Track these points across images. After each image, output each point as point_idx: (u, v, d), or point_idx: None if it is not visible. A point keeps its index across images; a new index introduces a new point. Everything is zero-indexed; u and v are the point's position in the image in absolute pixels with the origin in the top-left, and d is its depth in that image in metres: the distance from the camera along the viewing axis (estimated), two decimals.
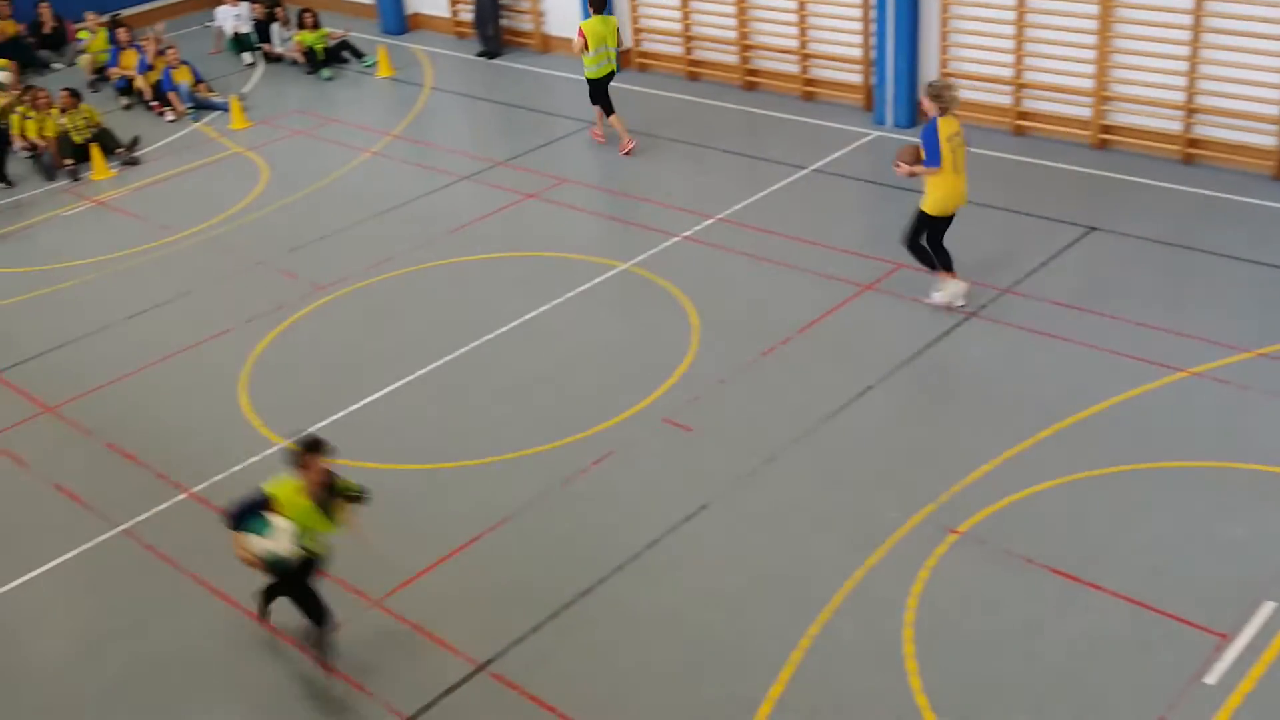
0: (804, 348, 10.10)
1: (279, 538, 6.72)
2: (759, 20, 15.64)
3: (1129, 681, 6.70)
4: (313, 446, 6.84)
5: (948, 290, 10.34)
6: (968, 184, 10.21)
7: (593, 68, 13.94)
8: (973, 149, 13.48)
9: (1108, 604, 7.23)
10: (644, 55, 16.84)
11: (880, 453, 8.78)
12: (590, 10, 13.94)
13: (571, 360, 10.25)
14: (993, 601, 7.33)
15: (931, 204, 10.16)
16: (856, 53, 14.78)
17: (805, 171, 13.38)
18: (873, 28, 14.37)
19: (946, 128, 9.90)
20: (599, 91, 14.11)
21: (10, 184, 14.63)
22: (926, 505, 8.12)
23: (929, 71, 14.18)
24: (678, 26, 16.39)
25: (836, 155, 13.74)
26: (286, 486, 6.81)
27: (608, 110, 14.17)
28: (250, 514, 6.80)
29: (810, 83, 15.35)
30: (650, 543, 8.03)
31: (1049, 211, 12.01)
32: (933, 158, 9.88)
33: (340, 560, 8.07)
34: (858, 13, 14.59)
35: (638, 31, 16.81)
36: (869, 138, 14.17)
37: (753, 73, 15.86)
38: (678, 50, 16.51)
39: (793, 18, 15.23)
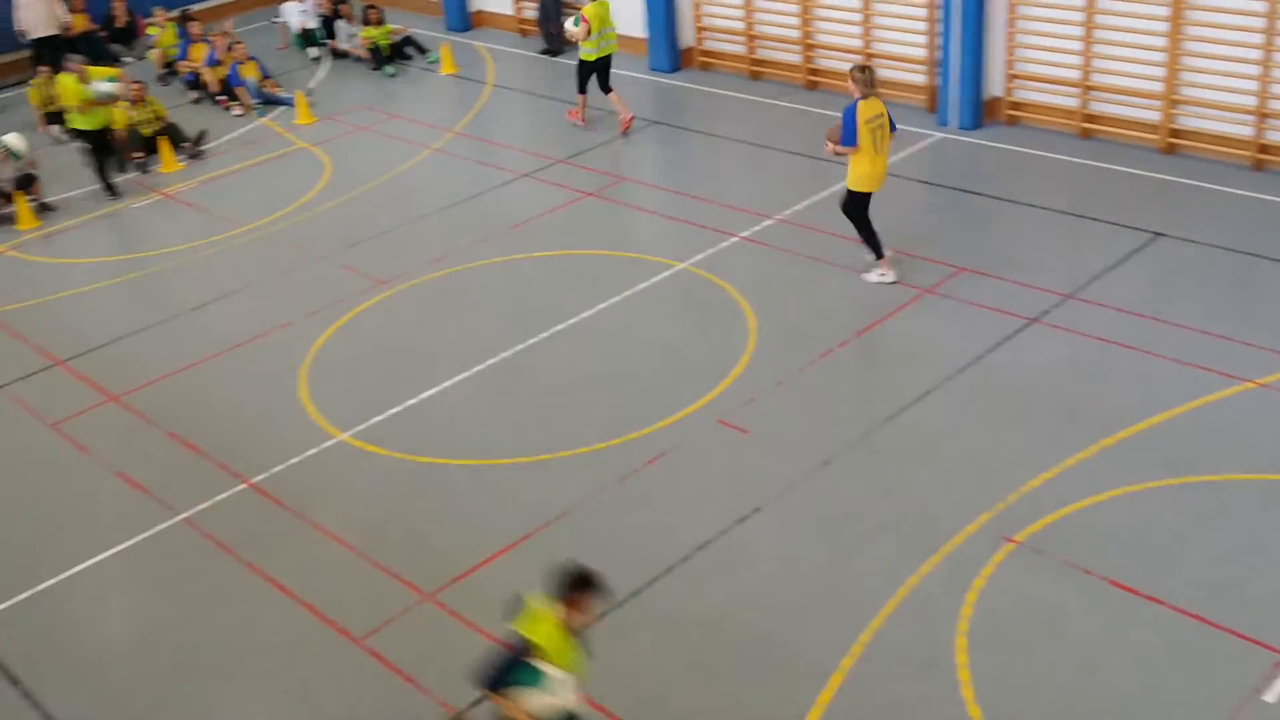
0: (862, 351, 10.02)
1: (561, 690, 5.55)
2: (822, 20, 15.54)
3: (1185, 697, 6.58)
4: (586, 583, 5.61)
5: (881, 272, 10.98)
6: (887, 164, 10.80)
7: (591, 50, 14.47)
8: (1042, 152, 13.40)
9: (1167, 618, 7.09)
10: (706, 54, 16.80)
11: (937, 459, 8.68)
12: None
13: (627, 359, 10.25)
14: (1049, 612, 7.22)
15: (855, 181, 10.71)
16: (921, 53, 14.64)
17: None
18: (938, 28, 14.23)
19: (867, 110, 10.44)
20: (589, 74, 14.70)
21: (116, 194, 14.37)
22: (983, 513, 8.02)
23: (995, 73, 14.01)
24: (740, 25, 16.33)
25: (899, 157, 13.59)
26: (546, 627, 5.57)
27: (605, 89, 14.74)
28: (513, 668, 5.54)
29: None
30: (702, 544, 8.01)
31: (1114, 216, 11.81)
32: (849, 138, 10.43)
33: (393, 553, 8.16)
34: (923, 13, 14.45)
35: (700, 30, 16.77)
36: (931, 139, 14.03)
37: (815, 72, 15.77)
38: (740, 49, 16.45)
39: (857, 17, 15.11)
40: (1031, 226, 11.88)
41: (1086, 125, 13.58)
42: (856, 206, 10.79)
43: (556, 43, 17.96)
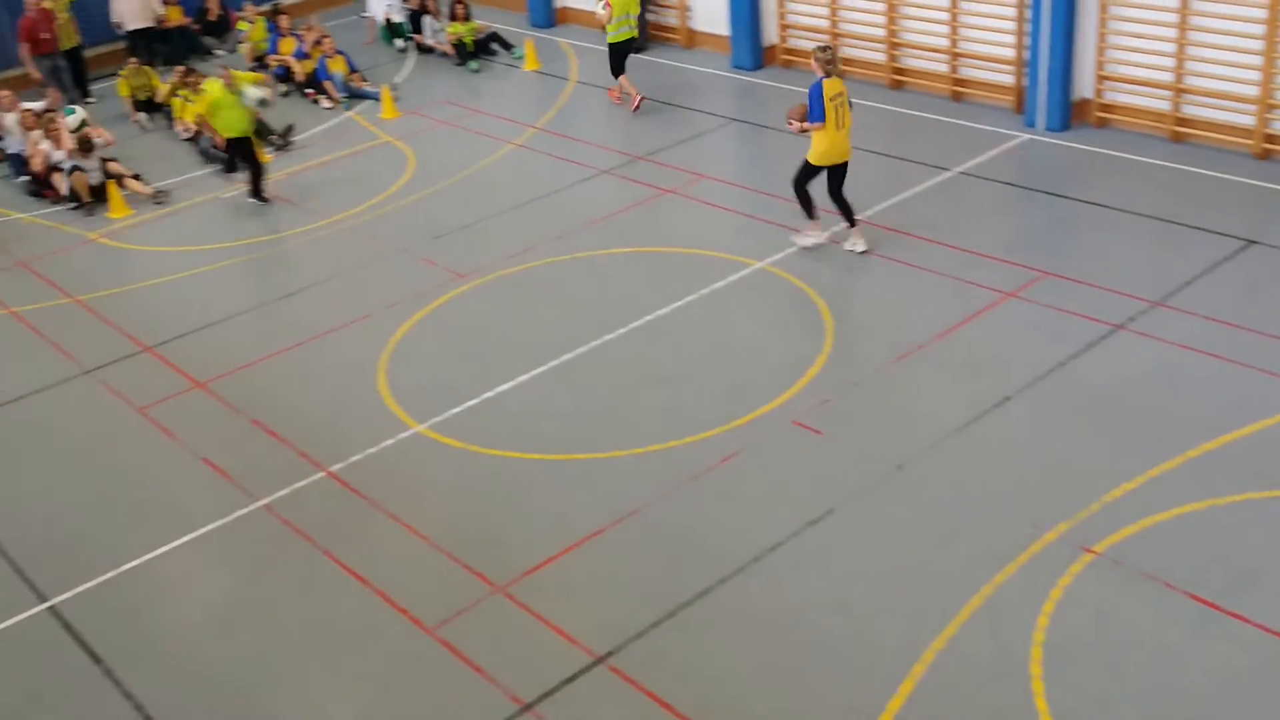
0: (941, 354, 9.90)
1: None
2: (909, 18, 15.37)
3: (1265, 716, 6.40)
4: None
5: (809, 236, 11.74)
6: (850, 139, 11.43)
7: (613, 33, 15.41)
8: (1132, 156, 13.12)
9: (1248, 634, 6.92)
10: (790, 52, 16.70)
11: (1016, 466, 8.55)
12: None
13: (703, 357, 10.24)
14: (1128, 625, 7.08)
15: (814, 155, 11.39)
16: (1009, 53, 14.42)
17: (950, 174, 13.11)
18: (1027, 28, 14.00)
19: (830, 88, 11.15)
20: (621, 56, 15.59)
21: (265, 199, 14.10)
22: (1062, 522, 7.89)
23: (1084, 74, 13.75)
24: (825, 24, 16.21)
25: (984, 158, 13.43)
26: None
27: (619, 72, 15.57)
28: None
29: (960, 83, 15.03)
30: (773, 545, 7.97)
31: (1206, 223, 11.53)
32: (816, 114, 11.14)
33: (466, 545, 8.24)
34: (1012, 12, 14.22)
35: (784, 28, 16.68)
36: (1019, 140, 13.81)
37: (900, 71, 15.60)
38: None
39: (944, 16, 14.93)
40: (1119, 231, 11.65)
41: (1178, 129, 13.27)
42: (805, 175, 11.53)
43: (639, 39, 17.95)
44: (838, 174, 11.46)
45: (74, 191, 14.25)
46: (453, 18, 18.40)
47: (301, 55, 17.61)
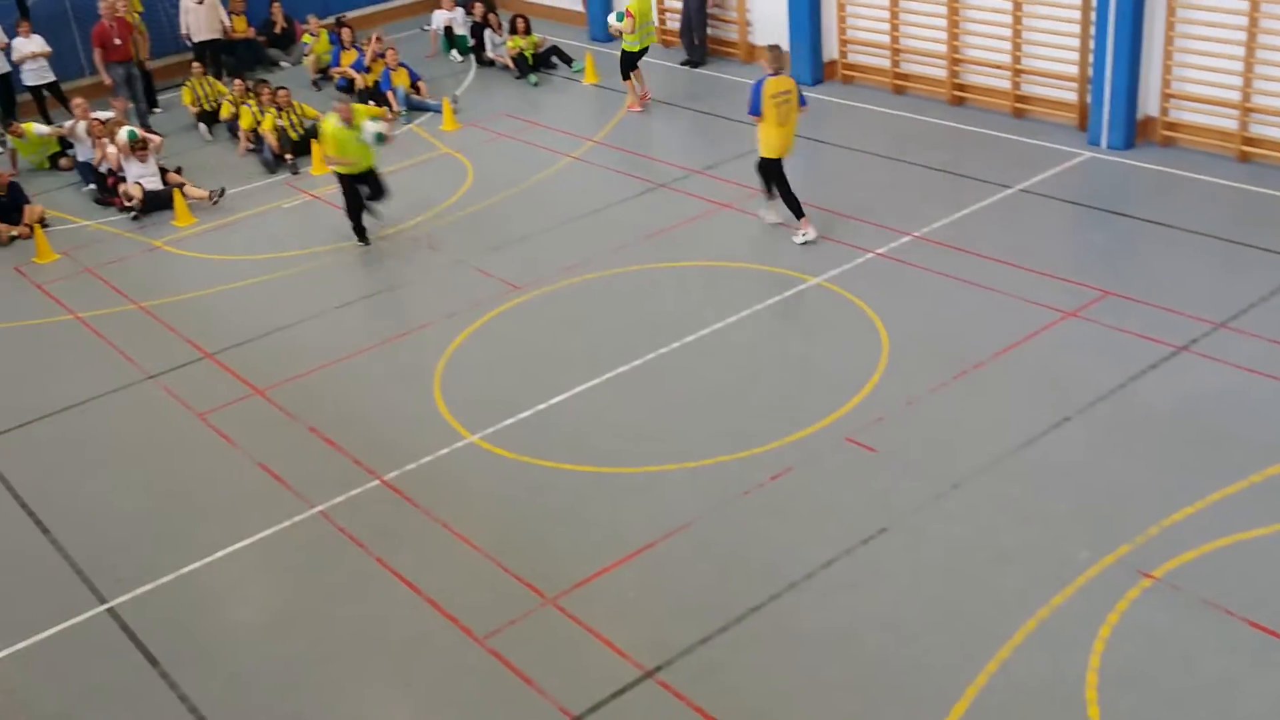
0: (999, 373, 9.79)
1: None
2: (970, 34, 15.27)
3: None
4: None
5: (773, 212, 12.64)
6: (793, 137, 12.25)
7: (634, 43, 16.07)
8: (1197, 175, 12.91)
9: None
10: (850, 68, 16.65)
11: (1074, 488, 8.43)
12: None
13: (757, 372, 10.21)
14: (1186, 652, 6.95)
15: (761, 148, 12.23)
16: (1073, 70, 14.26)
17: (1011, 191, 12.98)
18: (1092, 44, 13.85)
19: (773, 86, 11.86)
20: (633, 63, 16.27)
21: (365, 240, 13.37)
22: (1121, 546, 7.76)
23: (1150, 92, 13.57)
24: (885, 39, 16.14)
25: (1046, 175, 13.28)
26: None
27: (628, 76, 16.38)
28: None
29: (1022, 99, 14.89)
30: (826, 562, 7.92)
31: (1272, 244, 11.32)
32: (754, 109, 11.95)
33: (518, 556, 8.26)
34: (1076, 28, 14.07)
35: (844, 44, 16.63)
36: (1081, 158, 13.65)
37: (961, 87, 15.49)
38: (884, 63, 16.26)
39: (1006, 32, 14.80)
40: (1183, 251, 11.47)
41: (1245, 148, 13.05)
42: (768, 170, 12.27)
43: (698, 54, 18.01)
44: (778, 163, 12.30)
45: (134, 200, 14.49)
46: (513, 31, 18.54)
47: (361, 68, 17.81)
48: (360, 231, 13.32)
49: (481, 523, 8.71)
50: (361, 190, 13.21)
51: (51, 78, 17.41)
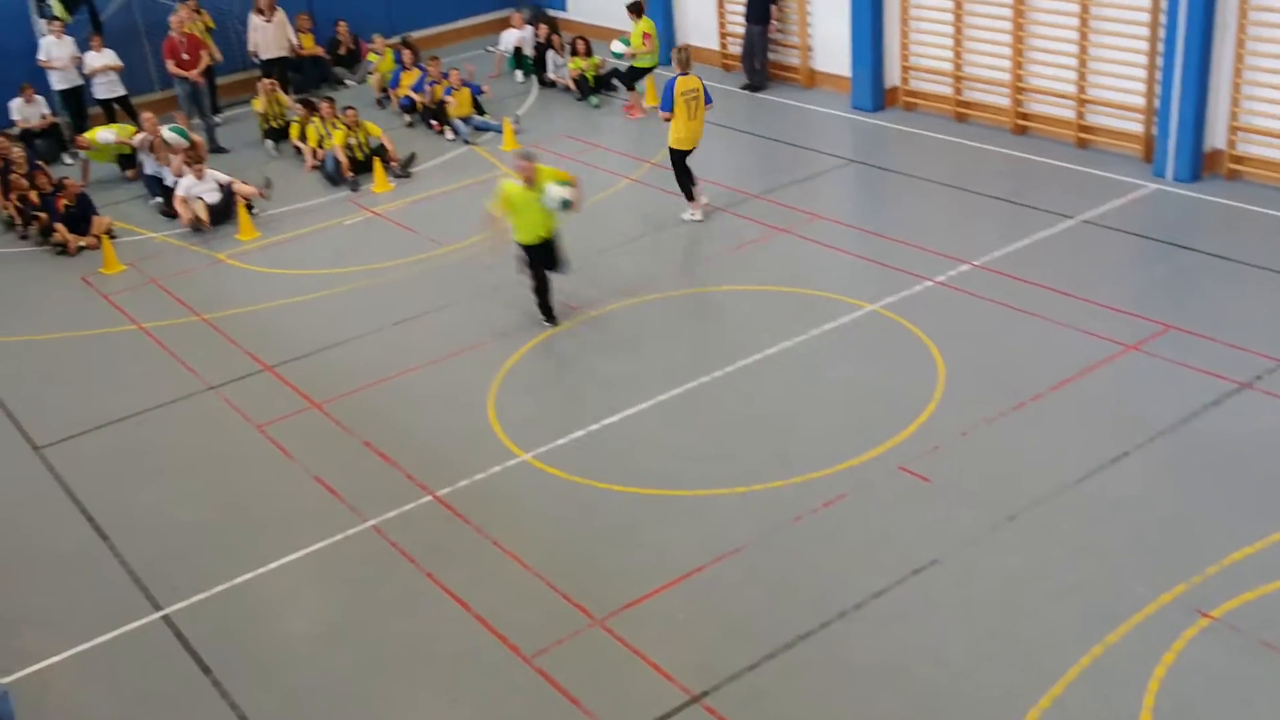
0: (1057, 406, 9.68)
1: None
2: (1035, 63, 15.16)
3: None
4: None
5: (697, 206, 13.74)
6: (701, 130, 13.59)
7: (649, 59, 17.19)
8: (1264, 209, 12.71)
9: None
10: (911, 94, 16.59)
11: (1131, 523, 8.30)
12: (640, 13, 17.27)
13: (810, 398, 10.16)
14: (1244, 694, 6.80)
15: (671, 140, 13.50)
16: (1139, 100, 14.11)
17: (1073, 221, 12.85)
18: (1159, 75, 13.70)
19: (683, 85, 13.27)
20: (639, 76, 17.54)
21: (554, 321, 11.69)
22: (1178, 584, 7.62)
23: (1217, 124, 13.39)
24: (949, 66, 16.07)
25: (1109, 206, 13.14)
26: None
27: (630, 87, 17.54)
28: None
29: (1086, 129, 14.75)
30: (877, 592, 7.85)
31: None
32: (665, 105, 13.33)
33: (567, 575, 8.27)
34: (1143, 59, 13.93)
35: (906, 70, 16.58)
36: (1146, 190, 13.49)
37: (1024, 116, 15.38)
38: (946, 90, 16.19)
39: (1071, 62, 14.68)
40: (1249, 286, 11.28)
41: None
42: (675, 160, 13.59)
43: (759, 78, 18.04)
44: (685, 154, 13.58)
45: (196, 216, 14.73)
46: (574, 53, 18.68)
47: (421, 88, 17.99)
48: (547, 310, 11.66)
49: (532, 541, 8.73)
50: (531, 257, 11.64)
51: (122, 91, 17.78)
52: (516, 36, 19.73)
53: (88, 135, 16.63)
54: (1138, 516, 8.36)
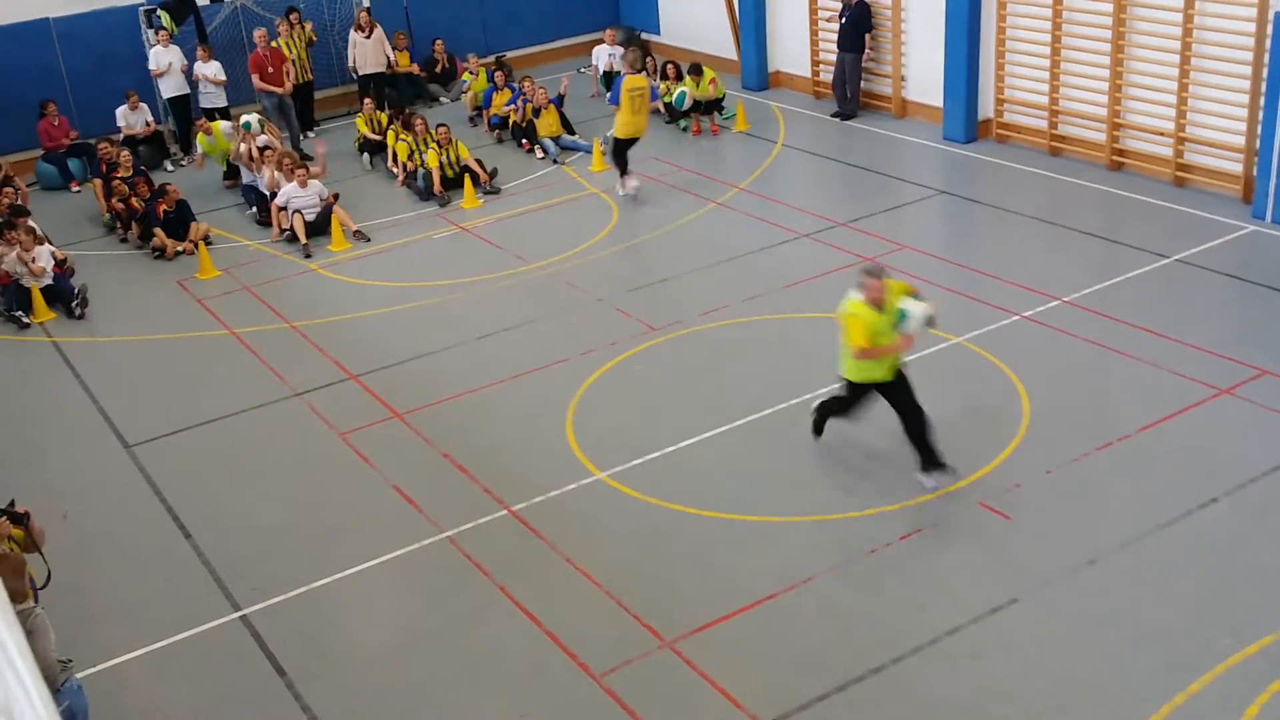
0: (1144, 448, 9.47)
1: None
2: (1133, 99, 14.92)
3: None
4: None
5: (626, 186, 15.38)
6: (645, 125, 15.26)
7: (620, 130, 15.44)
8: None
9: None
10: (1005, 127, 16.41)
11: (1217, 571, 8.08)
12: (700, 71, 17.94)
13: (891, 429, 10.02)
14: None
15: (616, 130, 15.19)
16: (1239, 140, 13.80)
17: (1167, 261, 12.59)
18: (1260, 115, 13.39)
19: (630, 83, 14.90)
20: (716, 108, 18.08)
21: (943, 466, 9.14)
22: (1265, 636, 7.40)
23: None
24: (1044, 100, 15.87)
25: (1205, 247, 12.85)
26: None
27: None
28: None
29: (1183, 168, 14.46)
30: (952, 629, 7.73)
31: None
32: (613, 98, 15.17)
33: (639, 596, 8.27)
34: (1244, 98, 13.63)
35: (1000, 102, 16.41)
36: (1244, 231, 13.17)
37: (1120, 153, 15.13)
38: (1041, 124, 15.99)
39: (1170, 99, 14.42)
40: None
41: None
42: (617, 147, 15.29)
43: (850, 106, 17.97)
44: (631, 144, 15.23)
45: (292, 230, 15.03)
46: (664, 77, 18.75)
47: (512, 105, 18.19)
48: (933, 456, 9.08)
49: (605, 560, 8.74)
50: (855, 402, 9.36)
51: (223, 103, 18.26)
52: (608, 52, 19.82)
53: (214, 124, 17.16)
54: (1223, 564, 8.14)
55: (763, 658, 7.69)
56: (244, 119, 16.54)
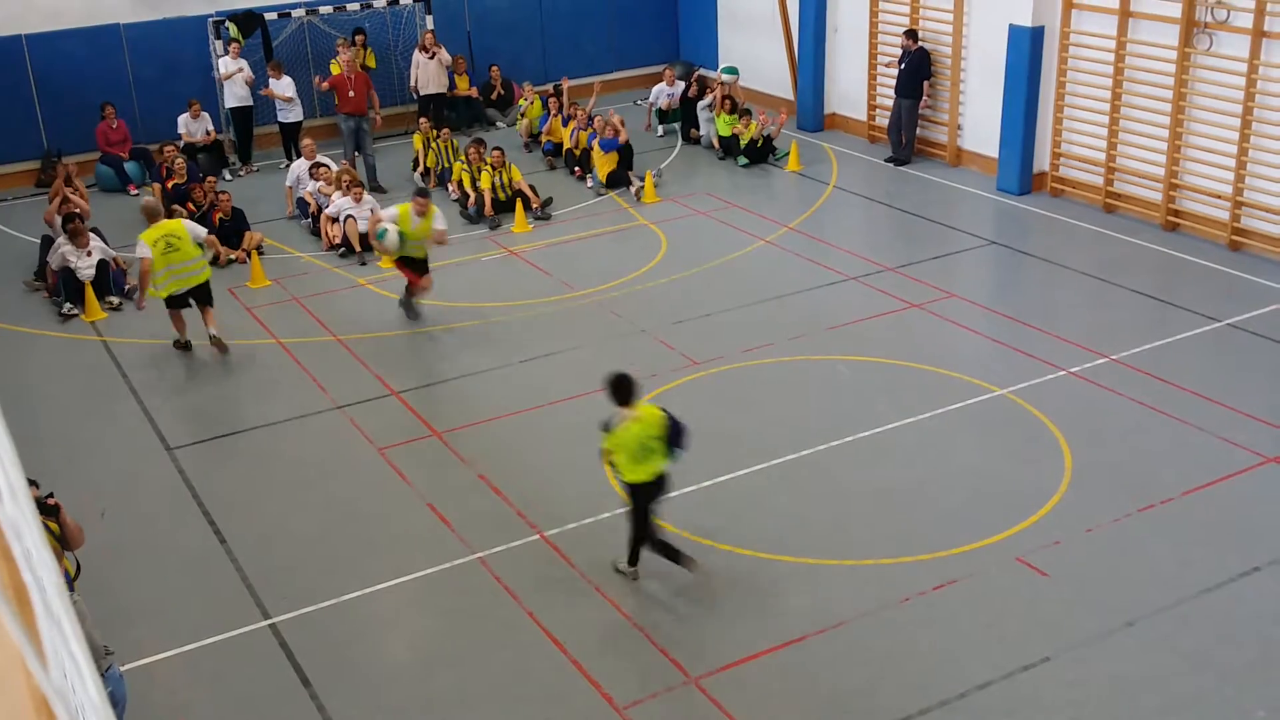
0: (1187, 512, 9.33)
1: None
2: (1191, 160, 14.80)
3: None
4: None
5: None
6: None
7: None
8: None
9: None
10: (1060, 181, 16.33)
11: (1257, 641, 7.93)
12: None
13: (929, 477, 9.97)
14: None
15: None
16: None
17: (1219, 325, 12.45)
18: None
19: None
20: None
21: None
22: None
23: None
24: (1101, 156, 15.79)
25: (1258, 312, 12.70)
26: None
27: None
28: None
29: (1240, 232, 14.32)
30: (982, 684, 7.63)
31: None
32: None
33: (666, 629, 8.21)
34: None
35: (1056, 156, 16.34)
36: None
37: (1176, 213, 15.00)
38: (1097, 179, 15.89)
39: (1229, 162, 14.29)
40: None
41: None
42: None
43: (905, 152, 17.95)
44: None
45: (345, 239, 15.18)
46: (721, 110, 18.81)
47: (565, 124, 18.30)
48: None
49: (634, 592, 8.70)
50: None
51: (299, 117, 18.54)
52: (666, 92, 19.94)
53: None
54: (1262, 635, 7.99)
55: (789, 700, 7.61)
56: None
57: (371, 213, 15.42)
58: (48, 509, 7.90)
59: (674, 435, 8.37)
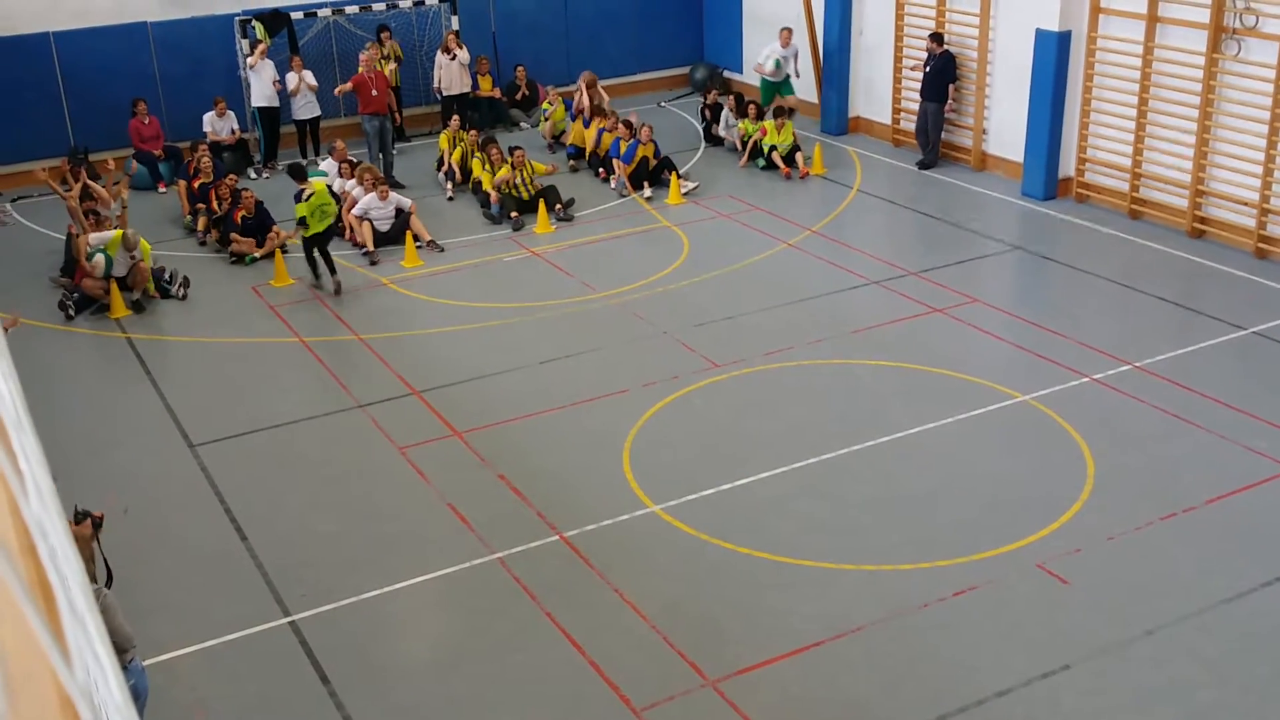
0: (1210, 521, 9.27)
1: None
2: (1217, 167, 14.71)
3: None
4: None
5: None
6: None
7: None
8: None
9: None
10: (1085, 186, 16.25)
11: (1277, 653, 7.87)
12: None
13: (949, 483, 9.94)
14: None
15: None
16: None
17: (1244, 333, 12.37)
18: None
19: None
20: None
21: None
22: None
23: None
24: (1126, 162, 15.70)
25: (1274, 324, 12.60)
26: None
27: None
28: None
29: (1266, 239, 14.22)
30: (1000, 692, 7.60)
31: None
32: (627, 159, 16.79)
33: (685, 632, 8.22)
34: None
35: (1082, 162, 16.26)
36: None
37: (1202, 220, 14.91)
38: (1122, 185, 15.81)
39: (1256, 169, 14.19)
40: None
41: None
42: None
43: (930, 156, 17.89)
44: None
45: (363, 240, 15.23)
46: (743, 115, 18.79)
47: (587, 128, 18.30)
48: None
49: (653, 593, 8.71)
50: None
51: (318, 113, 18.61)
52: (780, 54, 19.29)
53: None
54: None
55: (806, 705, 7.61)
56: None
57: (395, 212, 15.51)
58: (79, 516, 7.97)
59: (335, 197, 13.08)
